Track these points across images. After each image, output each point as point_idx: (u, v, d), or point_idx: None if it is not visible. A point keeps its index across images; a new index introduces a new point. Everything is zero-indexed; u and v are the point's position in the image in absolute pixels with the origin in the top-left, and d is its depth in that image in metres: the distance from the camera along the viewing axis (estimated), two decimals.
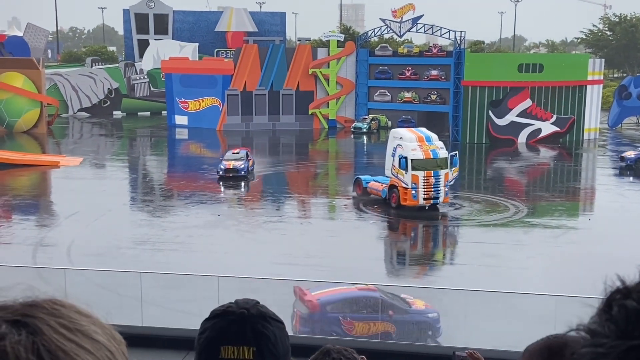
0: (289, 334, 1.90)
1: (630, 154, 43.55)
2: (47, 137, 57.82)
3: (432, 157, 30.62)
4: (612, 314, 0.84)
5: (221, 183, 36.76)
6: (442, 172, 30.57)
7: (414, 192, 30.06)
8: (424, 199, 30.22)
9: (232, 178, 37.03)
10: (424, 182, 30.09)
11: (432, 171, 30.30)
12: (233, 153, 39.12)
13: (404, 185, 30.29)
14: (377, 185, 31.72)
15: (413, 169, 30.10)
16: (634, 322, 0.82)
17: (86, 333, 0.92)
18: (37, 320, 0.89)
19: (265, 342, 1.76)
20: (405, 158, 30.33)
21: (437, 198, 30.59)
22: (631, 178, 40.69)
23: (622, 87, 64.99)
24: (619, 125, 64.53)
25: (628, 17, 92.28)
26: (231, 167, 37.10)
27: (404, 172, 30.27)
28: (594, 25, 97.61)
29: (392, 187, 30.85)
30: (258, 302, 1.85)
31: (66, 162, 43.50)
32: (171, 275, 20.35)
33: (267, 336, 1.77)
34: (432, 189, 30.37)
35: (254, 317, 1.78)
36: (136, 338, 3.73)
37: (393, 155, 31.15)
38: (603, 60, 64.03)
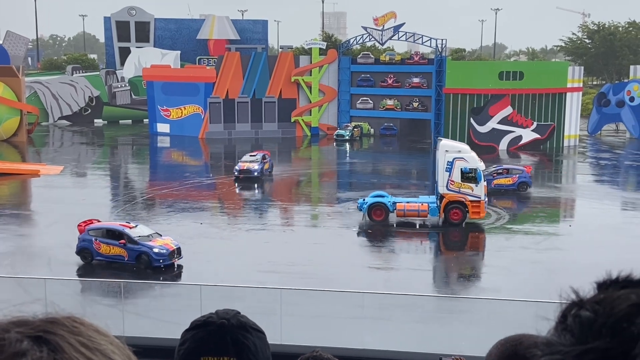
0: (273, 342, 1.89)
1: (252, 165, 38.67)
2: (27, 145, 57.24)
3: None
4: (568, 324, 0.89)
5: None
6: None
7: (486, 202, 29.87)
8: None
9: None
10: None
11: None
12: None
13: (472, 198, 29.29)
14: (414, 205, 29.71)
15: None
16: (588, 330, 0.86)
17: (105, 352, 0.93)
18: (57, 337, 0.90)
19: (245, 352, 1.75)
20: (475, 170, 29.66)
21: None
22: (256, 191, 38.34)
23: (601, 94, 65.82)
24: (599, 132, 65.31)
25: (606, 25, 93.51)
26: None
27: (473, 185, 29.43)
28: (573, 34, 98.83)
29: (450, 204, 29.56)
30: (239, 313, 1.84)
31: (46, 171, 43.08)
32: (153, 284, 20.20)
33: (248, 346, 1.76)
34: None
35: (234, 328, 1.77)
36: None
37: (449, 170, 29.45)
38: (582, 67, 64.84)
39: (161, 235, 24.67)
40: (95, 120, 72.35)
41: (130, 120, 73.30)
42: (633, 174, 46.37)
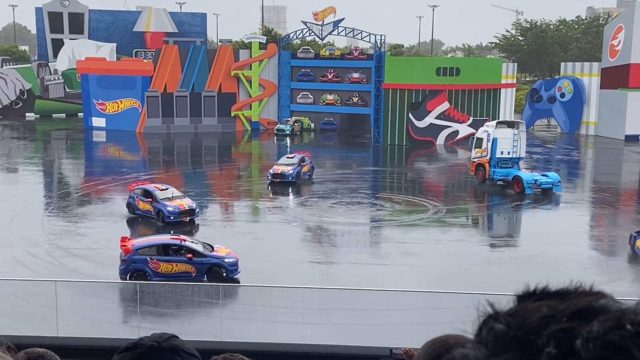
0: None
1: (286, 169, 36.90)
2: None
3: None
4: (482, 337, 0.91)
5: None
6: None
7: None
8: None
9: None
10: None
11: None
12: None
13: None
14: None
15: None
16: (501, 342, 0.88)
17: None
18: None
19: None
20: None
21: None
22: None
23: (533, 90, 67.90)
24: (531, 127, 67.29)
25: (538, 23, 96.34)
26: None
27: None
28: (507, 31, 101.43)
29: None
30: (173, 336, 1.80)
31: None
32: (88, 283, 19.72)
33: None
34: None
35: (164, 351, 1.73)
36: (51, 349, 3.58)
37: None
38: (516, 64, 66.69)
39: (184, 197, 30.09)
40: (27, 114, 69.99)
41: (64, 114, 71.22)
42: (564, 167, 48.04)
